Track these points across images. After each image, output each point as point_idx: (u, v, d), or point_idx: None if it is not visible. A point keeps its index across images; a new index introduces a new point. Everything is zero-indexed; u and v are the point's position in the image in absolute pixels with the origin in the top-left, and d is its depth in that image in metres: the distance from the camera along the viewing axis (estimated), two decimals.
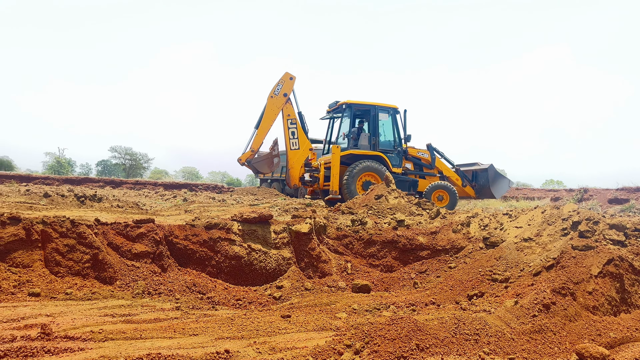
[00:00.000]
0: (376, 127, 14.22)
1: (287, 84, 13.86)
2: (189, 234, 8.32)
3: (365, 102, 14.37)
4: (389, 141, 14.71)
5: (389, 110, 14.59)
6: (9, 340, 4.15)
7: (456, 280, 7.90)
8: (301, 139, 14.11)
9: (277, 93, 13.71)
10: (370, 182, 13.43)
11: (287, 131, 13.98)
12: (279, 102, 13.76)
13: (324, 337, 4.74)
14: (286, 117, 13.98)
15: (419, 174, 15.23)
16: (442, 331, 4.44)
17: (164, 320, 5.43)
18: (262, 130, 13.70)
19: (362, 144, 14.22)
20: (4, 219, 6.89)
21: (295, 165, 14.05)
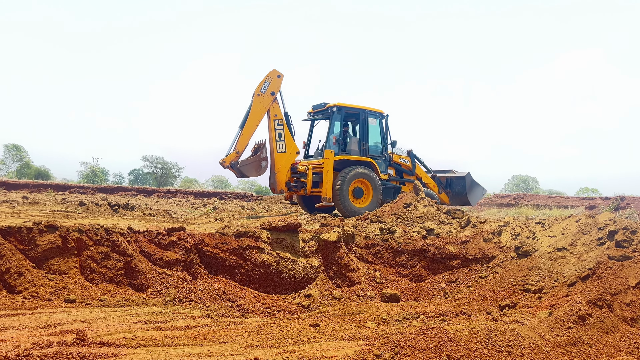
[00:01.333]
0: (366, 131, 13.73)
1: (274, 81, 12.87)
2: (219, 242, 8.42)
3: (355, 105, 13.86)
4: (377, 147, 14.23)
5: (377, 114, 14.14)
6: (45, 346, 4.27)
7: (487, 290, 7.76)
8: (288, 141, 13.10)
9: (264, 91, 12.71)
10: (360, 190, 13.11)
11: (274, 133, 12.97)
12: (265, 101, 12.75)
13: (353, 347, 4.72)
14: (273, 118, 12.94)
15: (400, 180, 14.85)
16: (474, 342, 4.37)
17: (194, 327, 5.50)
18: (247, 131, 12.60)
19: (352, 149, 13.70)
20: (41, 227, 7.11)
21: (282, 169, 13.02)
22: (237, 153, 12.36)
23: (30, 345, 4.29)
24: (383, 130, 14.15)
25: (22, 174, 51.47)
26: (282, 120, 12.93)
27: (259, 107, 12.57)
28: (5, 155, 57.70)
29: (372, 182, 13.13)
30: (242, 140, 12.45)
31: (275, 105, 12.85)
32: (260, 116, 12.62)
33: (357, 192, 12.97)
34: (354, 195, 12.91)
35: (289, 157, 13.01)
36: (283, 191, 13.01)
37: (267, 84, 12.65)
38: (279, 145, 12.90)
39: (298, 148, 13.24)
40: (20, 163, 56.54)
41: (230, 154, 12.46)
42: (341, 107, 13.48)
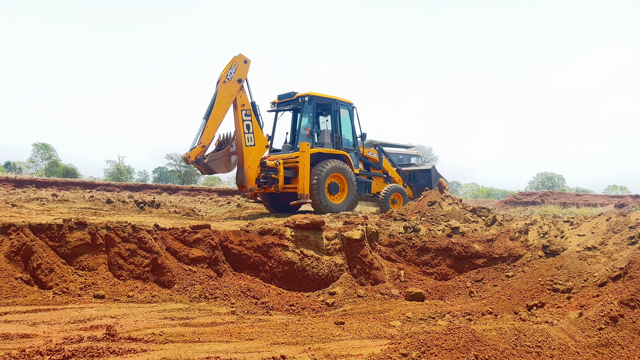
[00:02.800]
0: (338, 123, 12.88)
1: (241, 67, 11.62)
2: (243, 240, 8.47)
3: (327, 95, 12.84)
4: (349, 139, 13.45)
5: (347, 105, 13.29)
6: (76, 341, 4.36)
7: (514, 289, 7.65)
8: (257, 133, 11.88)
9: (230, 78, 11.44)
10: (336, 185, 12.33)
11: (242, 124, 11.68)
12: (232, 89, 11.47)
13: (378, 345, 4.69)
14: (240, 108, 11.67)
15: (368, 174, 14.15)
16: (502, 342, 4.30)
17: (220, 324, 5.55)
18: (213, 122, 11.28)
19: (325, 141, 12.72)
20: (71, 224, 7.26)
21: (252, 164, 11.80)
22: (202, 147, 11.23)
23: (61, 340, 4.38)
24: (353, 121, 13.48)
25: (51, 172, 52.64)
26: (249, 110, 11.85)
27: (225, 95, 11.46)
28: (34, 154, 59.14)
29: (347, 176, 12.44)
30: (208, 133, 11.31)
31: (242, 94, 11.78)
32: (227, 105, 11.50)
33: (333, 188, 12.29)
34: (330, 190, 12.20)
35: (258, 150, 11.95)
36: (253, 189, 11.91)
37: (233, 70, 11.50)
38: (248, 138, 11.79)
39: (267, 141, 12.37)
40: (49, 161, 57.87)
41: (195, 148, 11.22)
42: (313, 97, 12.54)
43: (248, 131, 11.77)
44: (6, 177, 22.92)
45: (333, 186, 12.20)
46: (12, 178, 22.87)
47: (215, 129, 11.36)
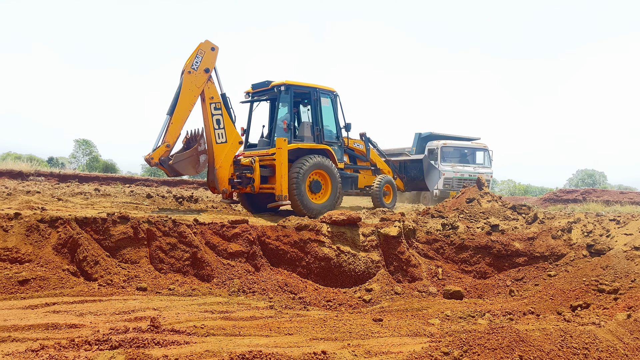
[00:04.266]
0: (319, 114, 11.62)
1: (208, 55, 10.39)
2: (280, 235, 8.53)
3: (305, 83, 11.62)
4: (332, 131, 12.18)
5: (329, 93, 12.00)
6: (122, 331, 4.48)
7: (557, 289, 7.44)
8: (228, 129, 10.69)
9: (195, 67, 10.22)
10: (318, 182, 11.13)
11: (211, 119, 10.50)
12: (198, 80, 10.25)
13: (418, 343, 4.65)
14: (209, 101, 10.47)
15: (354, 167, 13.05)
16: (547, 343, 4.19)
17: (259, 318, 5.60)
18: (178, 118, 10.04)
19: (305, 135, 11.53)
20: (114, 218, 7.46)
21: (224, 163, 10.64)
22: (167, 146, 9.99)
23: (108, 330, 4.51)
24: (336, 111, 12.23)
25: (92, 167, 54.23)
26: (219, 103, 10.64)
27: (191, 87, 10.21)
28: (76, 149, 61.01)
29: (330, 173, 11.19)
30: (173, 130, 10.06)
31: (211, 85, 10.53)
32: (193, 98, 10.29)
33: (315, 186, 11.08)
34: (311, 189, 11.02)
35: (230, 148, 10.76)
36: (226, 190, 10.74)
37: (199, 59, 10.28)
38: (218, 134, 10.58)
39: (241, 137, 11.18)
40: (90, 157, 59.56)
41: (158, 148, 9.98)
42: (290, 86, 11.30)
43: (218, 127, 10.62)
44: (51, 172, 23.76)
45: (315, 184, 11.08)
46: (57, 173, 23.70)
47: (181, 125, 10.24)
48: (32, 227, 6.92)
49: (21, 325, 4.53)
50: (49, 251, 6.78)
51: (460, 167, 20.10)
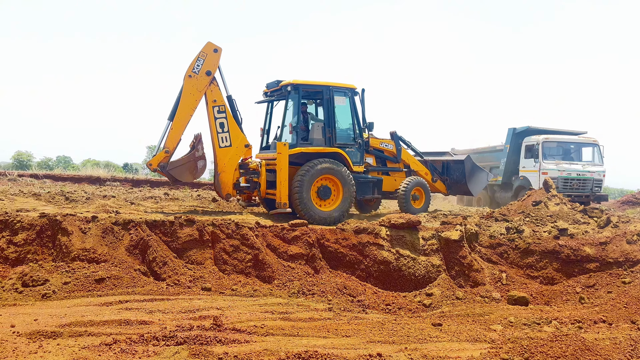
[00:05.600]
0: (332, 114, 10.83)
1: (210, 58, 10.19)
2: (339, 238, 8.60)
3: (316, 82, 10.96)
4: (348, 132, 11.32)
5: (346, 91, 11.17)
6: (187, 329, 4.71)
7: (632, 297, 7.02)
8: (233, 132, 10.40)
9: (197, 71, 10.08)
10: (328, 188, 10.42)
11: (214, 122, 10.32)
12: (200, 84, 10.12)
13: (478, 349, 4.56)
14: (211, 104, 10.30)
15: (382, 170, 12.13)
16: (616, 353, 4.00)
17: (317, 320, 5.69)
18: (178, 123, 10.00)
19: (315, 137, 10.77)
20: (181, 221, 7.83)
21: (228, 167, 10.34)
22: (166, 152, 9.89)
23: (174, 327, 4.76)
24: (356, 110, 11.30)
25: None
26: (224, 106, 10.38)
27: (192, 91, 10.07)
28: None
29: (341, 178, 10.44)
30: (173, 135, 9.98)
31: (214, 88, 10.30)
32: (194, 103, 10.11)
33: (324, 192, 10.40)
34: (320, 196, 10.36)
35: (235, 152, 10.44)
36: (230, 195, 10.47)
37: (200, 62, 10.09)
38: (222, 138, 10.34)
39: (247, 140, 10.66)
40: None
41: (158, 154, 9.94)
42: (298, 85, 10.66)
43: (222, 130, 10.36)
44: (125, 177, 25.13)
45: (324, 190, 10.40)
46: (130, 178, 25.02)
47: (182, 130, 10.10)
48: (107, 229, 7.40)
49: (97, 321, 4.87)
50: (122, 252, 7.23)
51: (566, 165, 16.86)
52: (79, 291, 6.31)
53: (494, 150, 19.76)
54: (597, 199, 17.10)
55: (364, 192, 11.27)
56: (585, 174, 16.69)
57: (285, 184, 9.99)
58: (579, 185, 16.62)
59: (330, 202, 10.50)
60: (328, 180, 10.44)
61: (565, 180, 16.48)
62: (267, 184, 10.40)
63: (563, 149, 17.51)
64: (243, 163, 10.79)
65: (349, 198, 10.49)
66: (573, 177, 16.61)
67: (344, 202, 10.46)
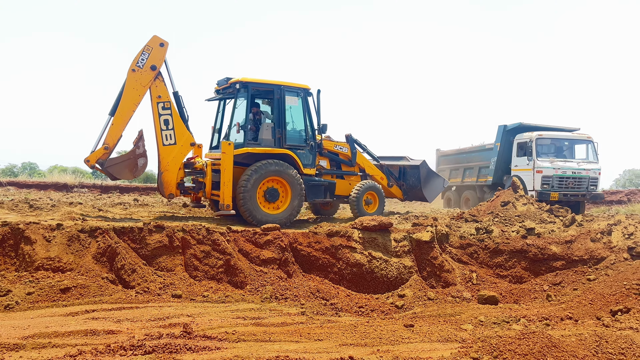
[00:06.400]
0: (282, 114, 10.49)
1: (156, 52, 9.79)
2: (312, 241, 8.59)
3: (267, 80, 10.66)
4: (300, 133, 10.99)
5: (298, 91, 10.85)
6: (156, 337, 4.62)
7: (596, 293, 7.22)
8: (178, 130, 10.02)
9: (141, 65, 9.67)
10: (276, 190, 10.13)
11: (158, 119, 9.90)
12: (144, 78, 9.73)
13: (448, 349, 4.61)
14: (156, 100, 9.88)
15: (336, 173, 11.81)
16: (581, 349, 4.09)
17: (290, 324, 5.66)
18: (119, 119, 9.59)
19: (264, 137, 10.39)
20: (150, 227, 7.69)
21: (171, 166, 9.96)
22: (105, 149, 9.52)
23: (143, 336, 4.66)
24: (309, 111, 10.97)
25: None
26: (169, 102, 9.98)
27: (135, 85, 9.67)
28: None
29: (289, 180, 10.15)
30: (114, 131, 9.58)
31: (159, 84, 9.92)
32: (137, 98, 9.71)
33: (271, 195, 10.09)
34: (267, 198, 10.05)
35: (180, 150, 10.10)
36: (173, 195, 10.07)
37: (145, 56, 9.70)
38: (166, 135, 9.95)
39: (194, 138, 10.32)
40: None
41: (96, 150, 9.55)
42: (247, 83, 10.30)
43: (166, 127, 9.99)
44: (93, 184, 24.58)
45: (271, 193, 10.09)
46: (99, 184, 24.48)
47: (123, 126, 9.71)
48: (73, 237, 7.21)
49: (61, 332, 4.73)
50: (88, 260, 7.05)
51: (560, 162, 16.08)
52: (44, 301, 6.12)
53: (482, 149, 19.04)
54: (593, 199, 16.43)
55: (315, 195, 11.02)
56: (580, 172, 16.04)
57: (229, 184, 9.70)
58: (575, 184, 15.93)
59: (278, 204, 10.24)
60: (276, 182, 10.19)
61: (561, 179, 15.85)
62: (212, 185, 10.10)
63: (558, 146, 16.85)
64: (188, 162, 10.53)
65: (297, 201, 10.26)
66: (568, 175, 15.95)
67: (293, 205, 10.22)
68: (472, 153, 19.79)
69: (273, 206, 10.17)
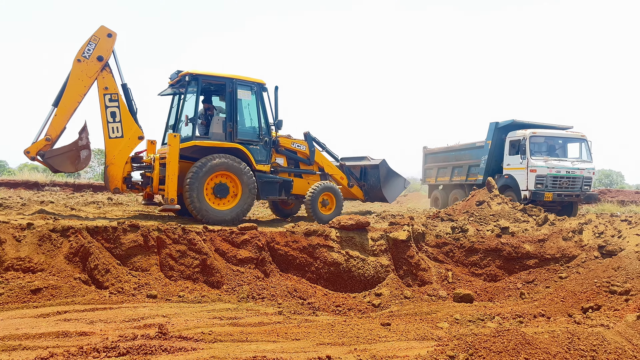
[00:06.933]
0: (234, 108, 10.28)
1: (103, 42, 9.57)
2: (289, 241, 8.56)
3: (218, 73, 10.44)
4: (253, 128, 10.75)
5: (252, 86, 10.63)
6: (130, 339, 4.54)
7: (568, 291, 7.39)
8: (126, 122, 9.77)
9: (87, 55, 9.46)
10: (224, 185, 9.83)
11: (105, 111, 9.67)
12: (90, 69, 9.50)
13: (425, 347, 4.64)
14: (102, 91, 9.67)
15: (294, 171, 11.52)
16: (554, 346, 4.16)
17: (267, 324, 5.63)
18: (63, 110, 9.40)
19: (215, 131, 10.21)
20: (125, 227, 7.56)
21: (117, 160, 9.72)
22: (47, 140, 9.29)
23: (117, 337, 4.57)
24: (264, 106, 10.75)
25: None
26: (117, 94, 9.73)
27: (81, 76, 9.42)
28: (92, 159, 61.88)
29: (239, 175, 9.86)
30: (56, 123, 9.35)
31: (107, 75, 9.67)
32: (83, 89, 9.46)
33: (221, 190, 9.80)
34: (216, 194, 9.77)
35: (127, 143, 9.79)
36: (118, 189, 9.77)
37: (92, 46, 9.45)
38: (113, 128, 9.67)
39: (142, 132, 9.98)
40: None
41: (38, 142, 9.32)
42: (197, 76, 10.12)
43: (113, 120, 9.68)
44: (65, 182, 24.07)
45: (221, 188, 9.80)
46: (72, 183, 23.99)
47: (67, 118, 9.46)
48: (44, 237, 7.04)
49: (32, 334, 4.61)
50: (60, 260, 6.89)
51: (555, 161, 15.44)
52: (13, 303, 5.96)
53: (473, 147, 18.25)
54: (587, 199, 15.76)
55: (269, 192, 10.72)
56: (574, 171, 15.44)
57: (174, 178, 9.39)
58: (568, 183, 15.30)
59: (229, 200, 9.91)
60: (225, 177, 9.88)
61: (555, 179, 15.20)
62: (160, 180, 9.71)
63: (550, 145, 16.21)
64: (136, 156, 10.22)
65: (248, 197, 9.94)
66: (562, 175, 15.31)
67: (243, 201, 9.90)
68: (462, 151, 19.07)
69: (222, 202, 9.85)
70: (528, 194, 15.00)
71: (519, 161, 15.57)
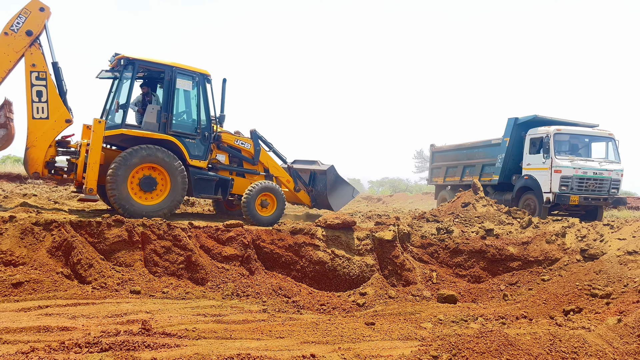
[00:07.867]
0: (171, 98, 9.64)
1: (34, 16, 8.97)
2: (275, 239, 8.55)
3: (157, 60, 9.84)
4: (191, 121, 10.12)
5: (194, 75, 10.00)
6: (113, 334, 4.50)
7: (550, 293, 7.47)
8: (53, 103, 9.11)
9: (15, 29, 8.85)
10: (151, 178, 9.14)
11: (30, 90, 9.02)
12: (16, 44, 8.87)
13: (409, 347, 4.67)
14: (29, 68, 9.04)
15: (236, 170, 10.78)
16: (536, 347, 4.21)
17: (252, 321, 5.62)
18: None
19: (148, 121, 9.54)
20: (109, 221, 7.48)
21: (40, 142, 9.04)
22: None
23: (99, 333, 4.53)
24: (205, 98, 10.11)
25: None
26: (45, 72, 9.08)
27: (7, 50, 8.82)
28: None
29: (168, 169, 9.21)
30: None
31: (35, 51, 9.04)
32: (8, 64, 8.88)
33: (147, 184, 9.13)
34: (142, 187, 9.08)
35: (52, 125, 9.10)
36: (38, 174, 9.08)
37: (22, 19, 8.85)
38: (38, 108, 9.02)
39: (70, 114, 9.31)
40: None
41: None
42: (133, 61, 9.48)
43: (39, 100, 9.02)
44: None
45: (148, 181, 9.12)
46: None
47: None
48: (26, 230, 6.94)
49: (13, 328, 4.55)
50: (43, 254, 6.80)
51: (581, 162, 13.82)
52: None
53: (488, 144, 16.56)
54: (615, 203, 14.32)
55: (204, 190, 9.99)
56: (602, 172, 13.81)
57: (95, 167, 8.69)
58: (596, 185, 13.67)
59: (157, 194, 9.23)
60: (154, 170, 9.20)
61: (581, 180, 13.51)
62: (84, 168, 8.99)
63: (576, 144, 14.61)
64: (63, 140, 9.46)
65: (178, 193, 9.27)
66: (589, 176, 13.66)
67: (172, 197, 9.22)
68: (475, 149, 17.43)
69: (149, 196, 9.17)
70: (552, 196, 13.41)
71: (541, 161, 13.95)
